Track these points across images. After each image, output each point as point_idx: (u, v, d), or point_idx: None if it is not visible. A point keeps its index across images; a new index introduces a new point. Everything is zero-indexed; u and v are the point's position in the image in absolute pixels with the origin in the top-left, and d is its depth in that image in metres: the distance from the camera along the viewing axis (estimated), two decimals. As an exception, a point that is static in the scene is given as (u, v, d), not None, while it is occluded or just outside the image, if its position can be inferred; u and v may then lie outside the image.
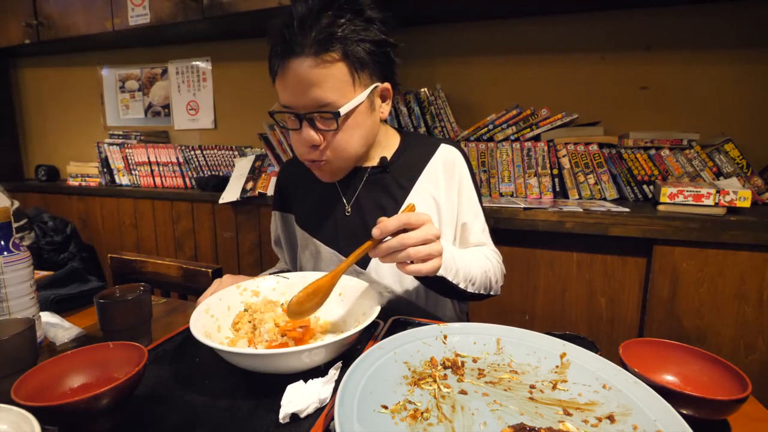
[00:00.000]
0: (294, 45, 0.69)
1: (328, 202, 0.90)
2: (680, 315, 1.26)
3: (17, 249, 0.65)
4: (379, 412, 0.45)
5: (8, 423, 0.40)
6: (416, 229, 0.61)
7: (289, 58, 0.70)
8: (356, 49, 0.71)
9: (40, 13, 2.18)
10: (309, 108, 0.72)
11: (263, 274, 0.91)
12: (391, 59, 0.78)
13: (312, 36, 0.68)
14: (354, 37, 0.70)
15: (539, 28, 1.72)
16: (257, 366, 0.55)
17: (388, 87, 0.80)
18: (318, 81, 0.70)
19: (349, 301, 0.72)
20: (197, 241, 2.02)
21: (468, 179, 0.89)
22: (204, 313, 0.66)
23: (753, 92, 1.53)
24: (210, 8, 1.78)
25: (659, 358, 0.56)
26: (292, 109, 0.74)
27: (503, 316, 1.46)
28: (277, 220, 1.01)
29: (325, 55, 0.69)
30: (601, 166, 1.54)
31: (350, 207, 0.88)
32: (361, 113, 0.76)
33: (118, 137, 2.28)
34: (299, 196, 0.96)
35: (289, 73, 0.71)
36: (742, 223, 1.18)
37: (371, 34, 0.72)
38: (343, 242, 0.87)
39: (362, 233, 0.85)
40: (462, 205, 0.87)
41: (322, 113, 0.72)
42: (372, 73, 0.75)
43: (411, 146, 0.90)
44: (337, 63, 0.70)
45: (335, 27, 0.69)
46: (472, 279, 0.77)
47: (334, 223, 0.88)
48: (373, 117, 0.80)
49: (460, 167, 0.88)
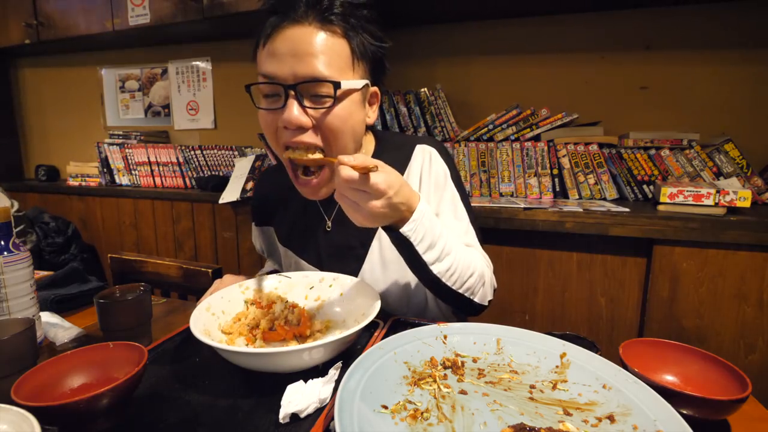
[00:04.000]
0: (298, 7, 0.63)
1: (308, 218, 0.86)
2: (680, 315, 1.26)
3: (17, 249, 0.65)
4: (379, 412, 0.45)
5: (8, 423, 0.40)
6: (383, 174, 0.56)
7: (289, 22, 0.64)
8: (359, 36, 0.67)
9: (40, 13, 2.18)
10: (300, 79, 0.63)
11: (261, 273, 0.91)
12: (384, 64, 0.74)
13: (321, 6, 0.64)
14: (357, 23, 0.67)
15: (539, 28, 1.72)
16: (257, 365, 0.55)
17: (377, 92, 0.75)
18: (317, 51, 0.63)
19: (349, 301, 0.72)
20: (197, 241, 2.02)
21: (443, 173, 0.80)
22: (205, 311, 0.66)
23: (753, 92, 1.53)
24: (210, 8, 1.78)
25: (659, 358, 0.56)
26: (278, 80, 0.64)
27: (503, 316, 1.46)
28: (258, 235, 0.98)
29: (330, 26, 0.64)
30: (601, 166, 1.54)
31: (331, 222, 0.83)
32: (355, 103, 0.69)
33: (118, 137, 2.28)
34: (278, 211, 0.91)
35: (286, 38, 0.63)
36: (742, 223, 1.18)
37: (373, 29, 0.70)
38: (327, 262, 0.83)
39: (344, 251, 0.81)
40: (432, 196, 0.79)
41: (318, 82, 0.63)
42: (367, 70, 0.71)
43: (386, 150, 0.83)
44: (341, 39, 0.65)
45: (340, 5, 0.65)
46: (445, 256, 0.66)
47: (315, 240, 0.84)
48: (362, 115, 0.73)
49: (436, 163, 0.80)
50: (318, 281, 0.77)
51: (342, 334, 0.54)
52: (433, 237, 0.64)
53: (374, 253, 0.80)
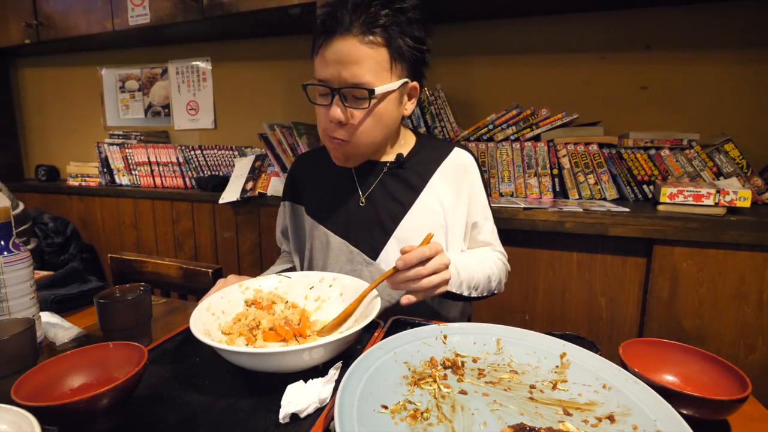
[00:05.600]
0: (344, 22, 0.74)
1: (342, 192, 0.93)
2: (680, 315, 1.26)
3: (17, 249, 0.65)
4: (379, 412, 0.45)
5: (8, 423, 0.40)
6: (431, 259, 0.68)
7: (336, 34, 0.74)
8: (398, 40, 0.76)
9: (40, 13, 2.18)
10: (344, 84, 0.75)
11: (266, 273, 0.91)
12: (425, 59, 0.83)
13: (362, 18, 0.73)
14: (398, 29, 0.75)
15: (539, 28, 1.72)
16: (257, 365, 0.55)
17: (416, 86, 0.84)
18: (359, 60, 0.74)
19: (349, 301, 0.72)
20: (197, 241, 2.02)
21: (479, 183, 0.93)
22: (205, 311, 0.66)
23: (753, 92, 1.53)
24: (210, 8, 1.78)
25: (659, 358, 0.56)
26: (328, 83, 0.77)
27: (503, 316, 1.46)
28: (287, 210, 1.02)
29: (370, 36, 0.74)
30: (601, 166, 1.54)
31: (365, 198, 0.90)
32: (390, 101, 0.80)
33: (118, 137, 2.28)
34: (312, 187, 0.98)
35: (333, 48, 0.75)
36: (742, 223, 1.18)
37: (414, 31, 0.78)
38: (354, 233, 0.90)
39: (374, 225, 0.89)
40: (473, 207, 0.91)
41: (357, 89, 0.75)
42: (406, 68, 0.80)
43: (426, 147, 0.94)
44: (380, 47, 0.75)
45: (383, 16, 0.74)
46: (475, 286, 0.82)
47: (347, 213, 0.91)
48: (399, 110, 0.84)
49: (472, 171, 0.92)
50: (318, 281, 0.78)
51: (342, 334, 0.55)
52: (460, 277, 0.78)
53: (403, 229, 0.88)
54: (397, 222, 0.88)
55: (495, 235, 0.95)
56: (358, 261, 0.89)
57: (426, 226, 0.86)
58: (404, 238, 0.87)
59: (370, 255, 0.88)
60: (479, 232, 0.92)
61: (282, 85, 2.13)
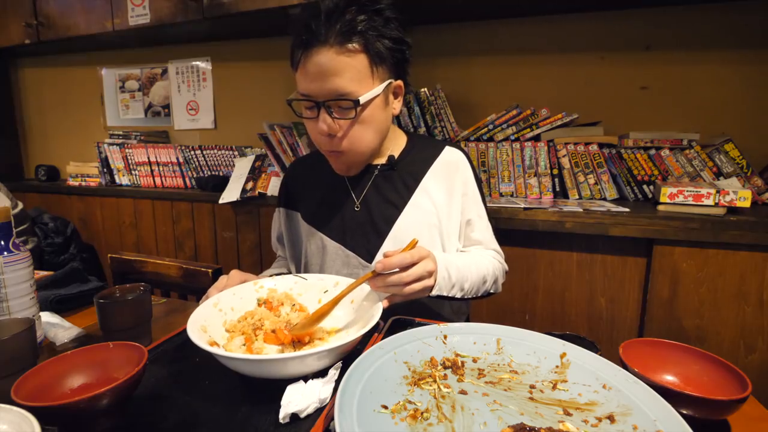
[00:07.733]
0: (319, 35, 0.72)
1: (336, 198, 0.93)
2: (680, 315, 1.26)
3: (17, 249, 0.65)
4: (379, 412, 0.45)
5: (8, 423, 0.40)
6: (415, 265, 0.67)
7: (313, 47, 0.73)
8: (376, 43, 0.75)
9: (40, 13, 2.17)
10: (328, 96, 0.75)
11: (265, 274, 0.91)
12: (406, 57, 0.82)
13: (337, 28, 0.72)
14: (375, 32, 0.74)
15: (540, 28, 1.72)
16: (255, 371, 0.54)
17: (401, 84, 0.84)
18: (339, 70, 0.73)
19: (356, 309, 0.71)
20: (197, 241, 2.02)
21: (472, 181, 0.93)
22: (212, 306, 0.66)
23: (753, 92, 1.53)
24: (210, 8, 1.78)
25: (659, 358, 0.56)
26: (311, 97, 0.77)
27: (503, 316, 1.46)
28: (282, 216, 1.02)
29: (348, 45, 0.72)
30: (601, 166, 1.54)
31: (359, 203, 0.90)
32: (377, 106, 0.79)
33: (118, 137, 2.28)
34: (306, 193, 0.98)
35: (312, 61, 0.74)
36: (742, 223, 1.18)
37: (391, 31, 0.77)
38: (349, 237, 0.90)
39: (369, 228, 0.89)
40: (467, 204, 0.91)
41: (341, 100, 0.75)
42: (388, 69, 0.79)
43: (417, 147, 0.94)
44: (359, 54, 0.74)
45: (358, 22, 0.73)
46: (468, 287, 0.81)
47: (342, 218, 0.91)
48: (387, 112, 0.83)
49: (464, 169, 0.92)
50: (333, 285, 0.76)
51: (336, 343, 0.53)
52: (452, 280, 0.77)
53: (397, 230, 0.88)
54: (391, 224, 0.88)
55: (490, 233, 0.94)
56: (354, 265, 0.88)
57: (420, 226, 0.87)
58: (399, 239, 0.87)
59: (365, 258, 0.88)
60: (473, 229, 0.92)
61: (282, 85, 2.13)
